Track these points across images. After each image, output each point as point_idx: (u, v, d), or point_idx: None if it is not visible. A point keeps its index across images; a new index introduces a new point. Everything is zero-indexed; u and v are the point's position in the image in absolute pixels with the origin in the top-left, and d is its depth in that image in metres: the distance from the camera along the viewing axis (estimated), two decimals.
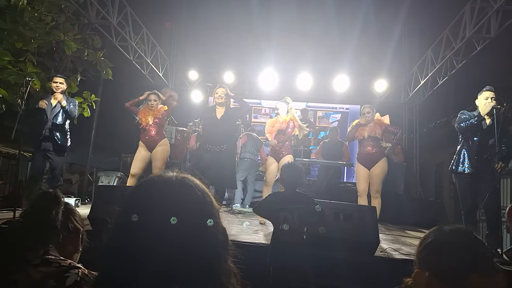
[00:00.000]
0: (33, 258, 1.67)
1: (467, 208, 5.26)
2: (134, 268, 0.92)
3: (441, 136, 12.06)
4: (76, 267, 1.65)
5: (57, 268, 1.64)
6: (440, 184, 13.88)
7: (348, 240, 4.19)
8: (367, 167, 6.51)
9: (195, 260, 0.95)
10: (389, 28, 12.41)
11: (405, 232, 7.13)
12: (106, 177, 9.22)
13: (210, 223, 0.99)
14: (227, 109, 6.38)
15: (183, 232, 0.96)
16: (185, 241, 0.95)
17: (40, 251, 1.72)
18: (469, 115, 5.29)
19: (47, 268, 1.64)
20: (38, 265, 1.64)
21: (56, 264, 1.67)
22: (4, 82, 6.28)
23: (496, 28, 7.56)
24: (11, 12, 6.12)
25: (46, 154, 6.37)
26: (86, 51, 8.09)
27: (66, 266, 1.66)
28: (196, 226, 0.99)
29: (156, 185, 1.05)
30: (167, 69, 13.30)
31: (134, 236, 0.95)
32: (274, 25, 11.67)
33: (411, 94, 12.52)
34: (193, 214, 1.00)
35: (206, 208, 1.04)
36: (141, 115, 6.74)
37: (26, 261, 1.65)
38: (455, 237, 1.52)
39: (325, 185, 9.19)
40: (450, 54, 9.39)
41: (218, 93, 6.34)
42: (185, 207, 0.99)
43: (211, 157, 6.15)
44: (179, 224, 0.96)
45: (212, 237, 1.01)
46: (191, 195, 1.03)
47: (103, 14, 8.48)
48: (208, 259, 0.98)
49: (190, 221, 0.98)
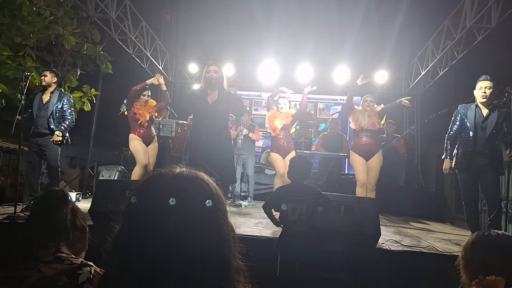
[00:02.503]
0: (44, 255, 1.68)
1: (467, 200, 5.28)
2: (149, 268, 0.91)
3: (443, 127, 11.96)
4: (88, 265, 1.66)
5: (70, 266, 1.66)
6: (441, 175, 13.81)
7: (349, 232, 4.19)
8: (364, 157, 6.49)
9: (210, 257, 0.95)
10: (389, 19, 12.36)
11: (407, 223, 7.13)
12: (107, 171, 9.22)
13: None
14: (221, 93, 5.40)
15: (193, 225, 0.95)
16: (198, 237, 0.95)
17: (52, 249, 1.73)
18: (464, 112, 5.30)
19: (59, 266, 1.65)
20: (50, 262, 1.66)
21: (68, 261, 1.68)
22: (4, 77, 6.29)
23: (497, 18, 7.51)
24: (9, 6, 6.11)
25: (40, 148, 6.18)
26: (85, 45, 8.08)
27: (79, 263, 1.67)
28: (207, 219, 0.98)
29: (166, 179, 1.04)
30: (166, 62, 13.27)
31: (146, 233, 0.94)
32: (274, 17, 11.65)
33: (411, 85, 12.48)
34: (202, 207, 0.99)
35: (215, 202, 1.02)
36: (139, 110, 6.72)
37: (38, 258, 1.66)
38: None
39: (326, 177, 9.19)
40: (450, 45, 9.34)
41: (210, 71, 5.32)
42: (194, 201, 0.99)
43: (206, 147, 5.29)
44: (189, 217, 0.95)
45: (224, 234, 1.01)
46: (202, 190, 1.02)
47: (102, 7, 8.43)
48: (223, 257, 0.98)
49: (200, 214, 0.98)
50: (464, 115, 5.28)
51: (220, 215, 1.02)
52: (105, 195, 4.74)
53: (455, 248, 4.74)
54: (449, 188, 12.59)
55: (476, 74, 5.34)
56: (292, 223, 3.69)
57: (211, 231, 0.98)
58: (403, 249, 4.47)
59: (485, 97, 5.06)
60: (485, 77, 5.18)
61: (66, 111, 6.32)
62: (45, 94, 6.30)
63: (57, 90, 6.44)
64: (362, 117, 6.53)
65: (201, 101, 5.34)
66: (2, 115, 9.93)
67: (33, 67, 6.49)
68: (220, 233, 1.00)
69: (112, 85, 10.57)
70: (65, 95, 6.46)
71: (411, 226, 6.78)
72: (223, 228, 1.01)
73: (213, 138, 5.28)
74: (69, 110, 6.37)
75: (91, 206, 4.72)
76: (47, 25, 6.92)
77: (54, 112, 6.21)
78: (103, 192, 4.92)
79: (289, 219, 3.70)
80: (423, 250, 4.47)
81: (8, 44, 6.29)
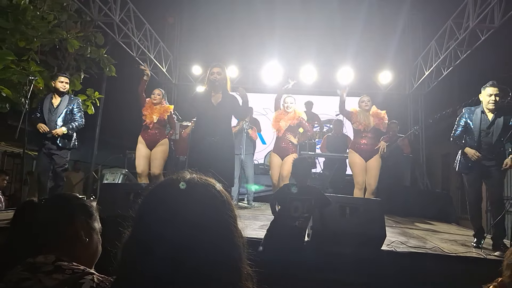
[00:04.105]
0: (44, 264, 1.64)
1: (471, 200, 5.26)
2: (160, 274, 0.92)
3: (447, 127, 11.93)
4: (90, 273, 1.62)
5: (71, 275, 1.61)
6: (447, 175, 13.84)
7: (354, 234, 4.18)
8: (363, 158, 6.45)
9: (220, 263, 0.96)
10: (392, 19, 12.35)
11: (413, 224, 7.11)
12: (111, 174, 9.22)
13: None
14: (225, 95, 5.37)
15: (205, 233, 0.96)
16: (209, 244, 0.95)
17: (51, 258, 1.67)
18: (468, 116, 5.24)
19: (61, 275, 1.60)
20: (51, 272, 1.61)
21: (70, 270, 1.63)
22: (8, 81, 6.29)
23: (500, 18, 7.50)
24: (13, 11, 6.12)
25: (50, 152, 6.18)
26: (89, 48, 8.09)
27: (80, 272, 1.63)
28: (218, 227, 0.99)
29: (177, 186, 1.04)
30: (170, 64, 13.29)
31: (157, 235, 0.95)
32: (277, 18, 11.64)
33: (415, 85, 12.47)
34: (215, 215, 1.00)
35: (226, 210, 1.04)
36: (146, 111, 6.66)
37: (36, 267, 1.62)
38: None
39: (331, 178, 9.17)
40: (454, 45, 9.32)
41: (214, 73, 5.27)
42: (207, 209, 1.00)
43: (209, 149, 5.17)
44: (201, 225, 0.96)
45: (235, 240, 1.02)
46: (214, 198, 1.03)
47: (106, 11, 8.45)
48: (233, 263, 0.99)
49: (212, 222, 0.99)
50: (469, 119, 5.22)
51: (231, 221, 1.03)
52: (109, 199, 4.74)
53: (460, 249, 4.73)
54: (454, 188, 12.55)
55: (480, 74, 5.33)
56: (294, 219, 3.94)
57: (222, 238, 0.99)
58: (409, 250, 4.46)
59: (494, 104, 5.01)
60: (493, 83, 5.07)
61: (76, 114, 6.37)
62: (55, 98, 6.32)
63: (67, 94, 6.48)
64: (364, 117, 6.47)
65: (205, 103, 5.30)
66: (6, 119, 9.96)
67: (37, 71, 6.49)
68: (230, 240, 1.01)
69: (116, 88, 10.58)
70: (75, 99, 6.50)
71: (416, 227, 6.77)
72: (234, 235, 1.02)
73: (217, 139, 5.21)
74: (79, 114, 6.42)
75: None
76: (51, 29, 6.93)
77: (65, 116, 6.26)
78: (107, 196, 4.92)
79: (291, 215, 3.94)
80: (429, 251, 4.46)
81: (12, 48, 6.30)
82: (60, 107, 6.27)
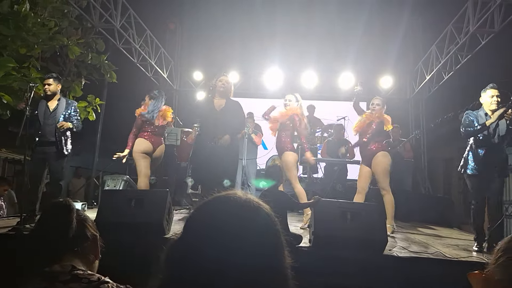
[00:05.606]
0: (61, 273, 1.65)
1: (475, 203, 5.24)
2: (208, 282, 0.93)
3: (449, 131, 12.01)
4: (106, 282, 1.63)
5: (87, 284, 1.62)
6: (448, 179, 13.83)
7: (355, 239, 4.17)
8: (367, 163, 6.44)
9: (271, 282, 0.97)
10: (393, 24, 12.35)
11: (414, 229, 7.10)
12: (112, 181, 9.18)
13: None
14: (228, 101, 5.72)
15: (249, 255, 0.96)
16: (255, 266, 0.96)
17: (68, 266, 1.69)
18: (475, 116, 5.23)
19: (77, 285, 1.61)
20: (68, 282, 1.62)
21: (86, 279, 1.64)
22: (9, 88, 6.31)
23: (500, 22, 7.52)
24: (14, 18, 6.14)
25: (44, 158, 5.93)
26: (89, 54, 8.12)
27: (96, 281, 1.64)
28: (265, 248, 1.00)
29: (223, 206, 1.05)
30: (171, 70, 13.29)
31: (202, 257, 0.96)
32: (278, 24, 11.66)
33: (417, 90, 12.47)
34: (260, 236, 1.01)
35: (272, 230, 1.05)
36: None
37: (54, 275, 1.63)
38: None
39: (332, 183, 9.16)
40: (454, 49, 9.34)
41: (222, 81, 5.76)
42: (251, 229, 1.00)
43: (213, 154, 5.36)
44: (245, 246, 0.96)
45: (285, 270, 1.03)
46: (259, 217, 1.04)
47: (106, 17, 8.45)
48: (280, 266, 1.01)
49: (259, 242, 0.99)
50: (475, 119, 5.23)
51: (282, 250, 1.04)
52: (111, 206, 4.74)
53: (462, 254, 4.72)
54: (456, 192, 12.54)
55: (480, 78, 5.33)
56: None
57: (272, 269, 0.99)
58: (411, 255, 4.44)
59: (497, 104, 5.03)
60: (493, 85, 5.15)
61: (73, 117, 6.14)
62: (51, 101, 6.06)
63: (64, 98, 6.27)
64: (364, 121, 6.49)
65: (209, 108, 5.56)
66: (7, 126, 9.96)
67: (38, 78, 6.50)
68: (278, 270, 1.01)
69: (117, 94, 10.60)
70: (72, 103, 6.27)
71: (418, 232, 6.75)
72: (283, 265, 1.03)
73: (220, 144, 5.38)
74: (76, 118, 6.22)
75: (96, 216, 4.70)
76: (51, 36, 6.95)
77: (63, 121, 5.96)
78: (109, 203, 4.91)
79: None
80: (431, 256, 4.44)
81: (13, 55, 6.32)
82: (57, 111, 6.02)
